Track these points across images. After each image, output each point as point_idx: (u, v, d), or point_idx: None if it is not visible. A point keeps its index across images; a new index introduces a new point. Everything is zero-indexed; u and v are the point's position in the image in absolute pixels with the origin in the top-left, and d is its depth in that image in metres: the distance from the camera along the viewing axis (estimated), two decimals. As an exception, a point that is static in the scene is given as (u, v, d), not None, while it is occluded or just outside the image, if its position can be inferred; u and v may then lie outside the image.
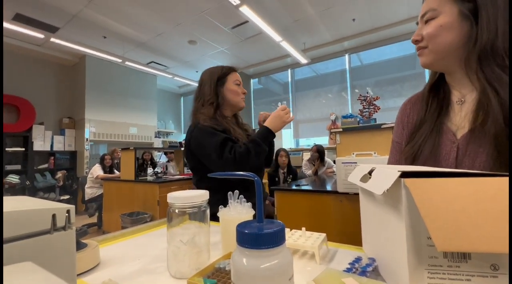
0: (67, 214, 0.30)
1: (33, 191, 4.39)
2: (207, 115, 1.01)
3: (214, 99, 1.04)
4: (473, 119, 0.57)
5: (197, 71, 6.05)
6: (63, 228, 0.30)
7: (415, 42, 0.64)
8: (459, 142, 0.59)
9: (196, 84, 1.15)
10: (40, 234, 0.27)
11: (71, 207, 0.31)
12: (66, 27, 4.05)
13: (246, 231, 0.25)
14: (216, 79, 1.07)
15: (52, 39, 4.13)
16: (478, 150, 0.56)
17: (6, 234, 0.24)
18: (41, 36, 4.09)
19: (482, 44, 0.55)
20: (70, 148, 4.99)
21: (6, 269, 0.15)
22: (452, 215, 0.29)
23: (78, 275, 0.50)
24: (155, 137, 6.00)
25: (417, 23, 0.65)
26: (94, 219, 3.72)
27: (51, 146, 4.76)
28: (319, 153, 3.56)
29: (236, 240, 0.26)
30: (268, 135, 0.98)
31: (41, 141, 4.61)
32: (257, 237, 0.25)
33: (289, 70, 6.07)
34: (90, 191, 3.62)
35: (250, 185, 0.98)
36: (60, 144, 4.88)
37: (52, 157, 4.77)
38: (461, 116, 0.61)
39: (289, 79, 6.13)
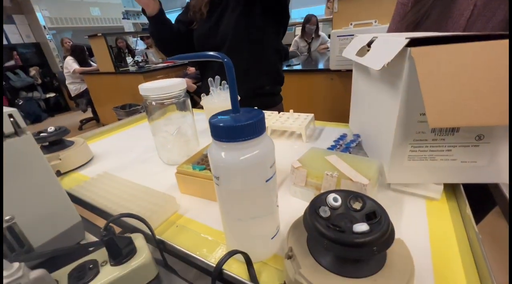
0: (11, 119, 0.26)
1: (14, 91, 4.19)
2: None
3: None
4: None
5: None
6: (16, 134, 0.26)
7: None
8: None
9: None
10: (-11, 143, 0.24)
11: (13, 110, 0.26)
12: None
13: (221, 125, 0.22)
14: None
15: None
16: (498, 7, 0.47)
17: None
18: None
19: None
20: (30, 39, 4.34)
21: None
22: (454, 91, 0.25)
23: (73, 169, 0.52)
24: (123, 18, 5.14)
25: None
26: (90, 114, 3.77)
27: (7, 38, 4.12)
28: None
29: (211, 135, 0.23)
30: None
31: (-9, 33, 3.95)
32: (234, 129, 0.22)
33: None
34: (73, 87, 3.46)
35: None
36: (16, 35, 4.20)
37: (15, 52, 4.23)
38: None
39: None
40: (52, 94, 4.64)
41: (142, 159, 0.54)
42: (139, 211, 0.34)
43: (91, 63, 3.48)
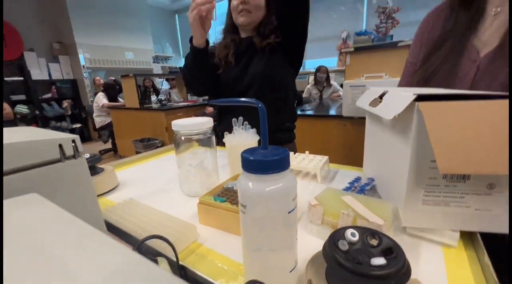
0: (73, 144, 0.30)
1: (45, 121, 4.53)
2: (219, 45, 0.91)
3: (227, 22, 0.91)
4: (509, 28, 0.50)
5: (190, -19, 5.16)
6: (74, 157, 0.30)
7: None
8: (480, 61, 0.54)
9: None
10: (52, 163, 0.28)
11: (76, 137, 0.31)
12: None
13: (251, 158, 0.25)
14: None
15: None
16: (499, 71, 0.52)
17: (16, 164, 0.25)
18: None
19: None
20: (68, 76, 4.85)
21: (8, 201, 0.15)
22: (461, 140, 0.28)
23: (101, 194, 0.55)
24: (154, 62, 5.70)
25: None
26: (109, 145, 3.96)
27: (49, 74, 4.63)
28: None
29: (242, 166, 0.26)
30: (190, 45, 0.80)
31: (37, 70, 4.46)
32: (263, 163, 0.25)
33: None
34: (99, 120, 3.72)
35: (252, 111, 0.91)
36: (58, 72, 4.72)
37: (54, 86, 4.71)
38: (491, 30, 0.54)
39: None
40: (78, 125, 4.97)
41: (164, 189, 0.57)
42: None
43: (119, 99, 3.79)
